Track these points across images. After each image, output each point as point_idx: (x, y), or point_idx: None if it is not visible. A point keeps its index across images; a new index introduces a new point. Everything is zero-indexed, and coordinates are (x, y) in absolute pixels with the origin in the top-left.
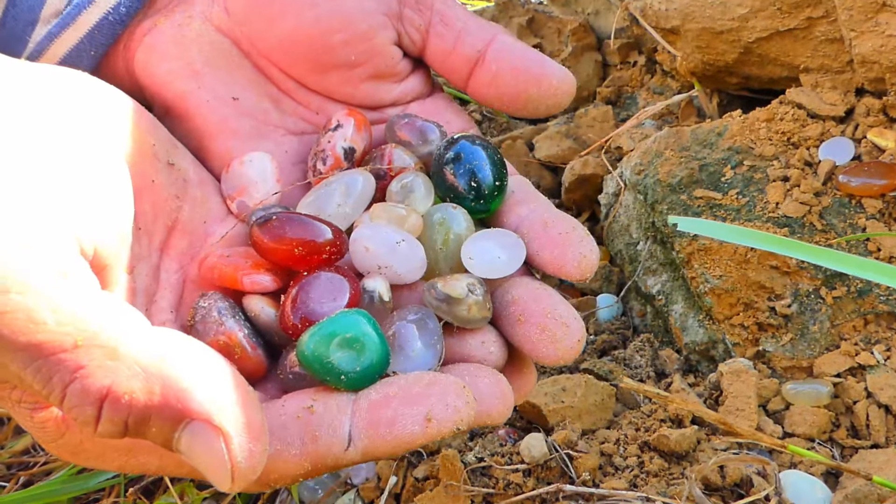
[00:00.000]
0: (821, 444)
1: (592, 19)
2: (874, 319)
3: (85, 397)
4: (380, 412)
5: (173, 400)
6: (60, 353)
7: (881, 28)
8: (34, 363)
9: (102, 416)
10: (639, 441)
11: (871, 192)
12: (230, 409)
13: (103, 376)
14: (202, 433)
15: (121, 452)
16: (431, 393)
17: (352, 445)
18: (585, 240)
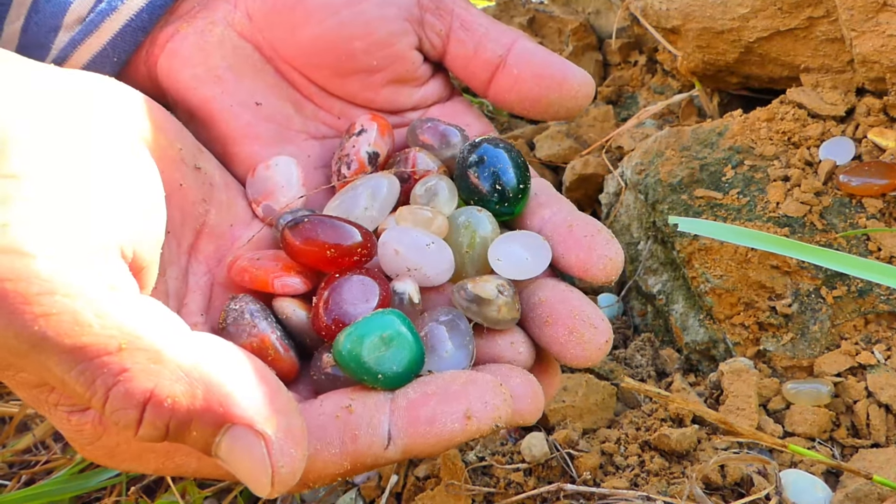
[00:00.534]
0: (821, 444)
1: (593, 19)
2: (875, 319)
3: (128, 400)
4: (419, 411)
5: (216, 404)
6: (104, 355)
7: (882, 28)
8: (78, 366)
9: (144, 419)
10: (639, 440)
11: (871, 191)
12: (272, 415)
13: (147, 380)
14: (243, 438)
15: (158, 455)
16: (470, 391)
17: (391, 444)
18: (610, 242)
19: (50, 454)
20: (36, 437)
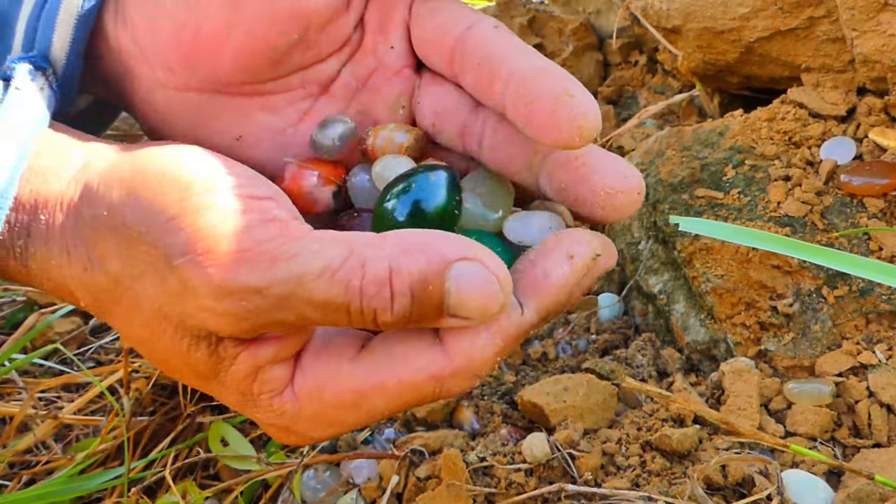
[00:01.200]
0: (823, 444)
1: (593, 19)
2: (876, 319)
3: (378, 284)
4: (533, 272)
5: (435, 255)
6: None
7: (883, 27)
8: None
9: (395, 294)
10: (641, 440)
11: (872, 191)
12: (472, 247)
13: (381, 264)
14: (467, 269)
15: (351, 409)
16: (563, 238)
17: (525, 308)
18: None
19: (51, 454)
20: (37, 438)
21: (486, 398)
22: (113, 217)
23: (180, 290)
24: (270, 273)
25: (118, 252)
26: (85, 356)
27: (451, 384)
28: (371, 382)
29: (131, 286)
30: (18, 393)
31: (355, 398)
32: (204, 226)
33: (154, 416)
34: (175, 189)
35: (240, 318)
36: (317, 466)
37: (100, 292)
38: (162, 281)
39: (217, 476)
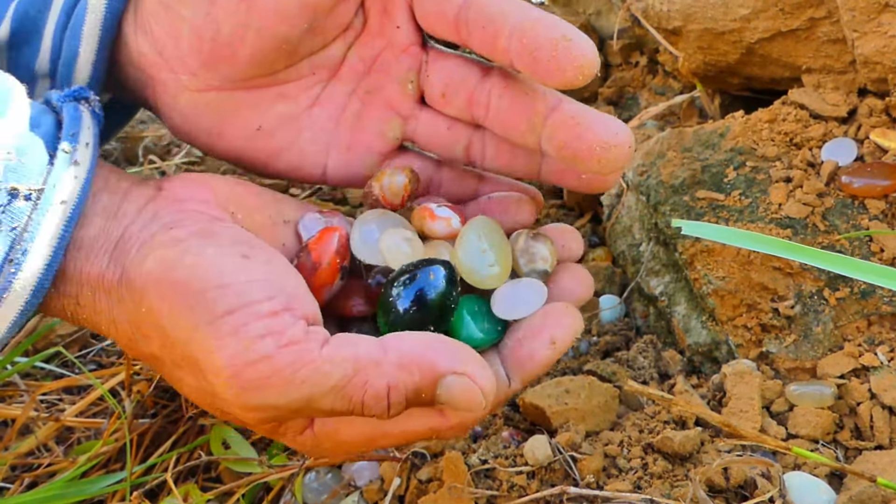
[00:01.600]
0: (825, 446)
1: (594, 19)
2: (878, 321)
3: (378, 398)
4: (519, 353)
5: (427, 371)
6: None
7: (884, 29)
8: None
9: (391, 403)
10: (642, 443)
11: (874, 192)
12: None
13: (380, 382)
14: (454, 382)
15: (360, 445)
16: (548, 322)
17: (512, 382)
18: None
19: (52, 457)
20: (38, 440)
21: None
22: (151, 316)
23: (213, 394)
24: (286, 395)
25: (159, 343)
26: (86, 359)
27: (446, 435)
28: (379, 431)
29: (171, 370)
30: (20, 395)
31: (365, 440)
32: (228, 353)
33: (155, 418)
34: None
35: (262, 420)
36: (318, 469)
37: (145, 359)
38: (197, 381)
39: (219, 479)
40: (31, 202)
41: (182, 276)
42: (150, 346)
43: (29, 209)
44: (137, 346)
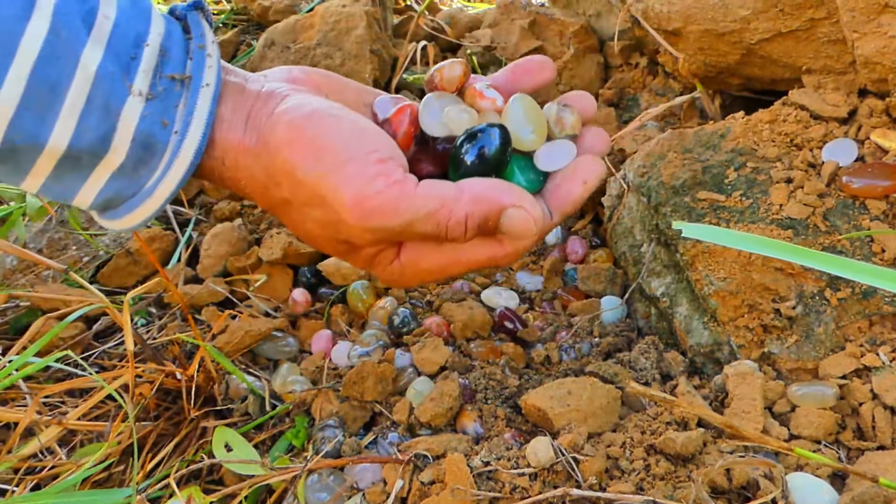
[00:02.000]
0: (827, 446)
1: (594, 21)
2: (879, 321)
3: (459, 224)
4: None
5: (494, 204)
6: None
7: (884, 29)
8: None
9: (468, 228)
10: (645, 444)
11: (874, 193)
12: (519, 196)
13: (460, 212)
14: (514, 213)
15: (436, 273)
16: (579, 167)
17: (553, 216)
18: None
19: (55, 460)
20: (41, 443)
21: (489, 402)
22: (284, 166)
23: (336, 221)
24: (394, 220)
25: (290, 187)
26: (88, 361)
27: (501, 262)
28: (452, 259)
29: (300, 208)
30: (23, 398)
31: (440, 268)
32: (351, 190)
33: (158, 421)
34: (326, 155)
35: (373, 241)
36: (321, 471)
37: (275, 205)
38: (323, 213)
39: (221, 481)
40: (184, 87)
41: (309, 135)
42: (281, 191)
43: (183, 92)
44: (269, 194)
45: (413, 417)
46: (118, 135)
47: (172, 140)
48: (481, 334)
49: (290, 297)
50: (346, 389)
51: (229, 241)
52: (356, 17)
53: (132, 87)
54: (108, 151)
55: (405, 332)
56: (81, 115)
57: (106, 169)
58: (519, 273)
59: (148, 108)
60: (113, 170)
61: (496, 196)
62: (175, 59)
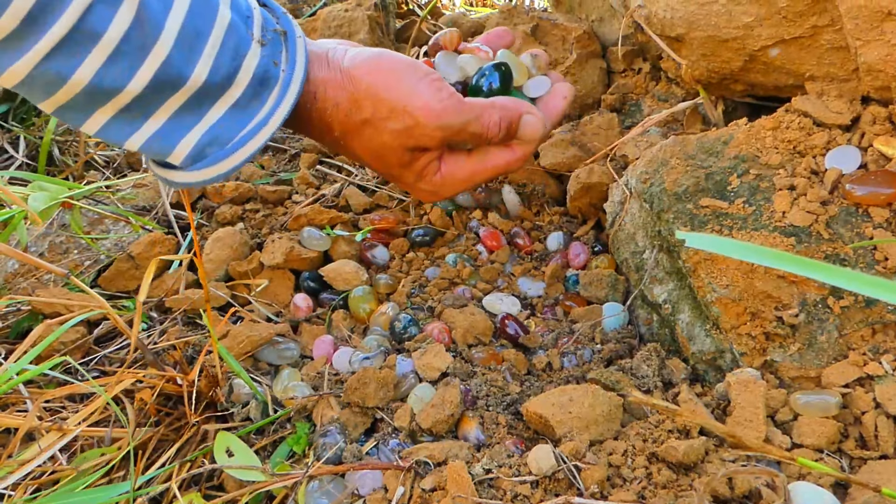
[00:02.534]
0: (829, 455)
1: (597, 26)
2: (882, 329)
3: (495, 125)
4: (547, 106)
5: (516, 111)
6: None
7: (887, 37)
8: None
9: (501, 129)
10: (646, 452)
11: (877, 201)
12: (531, 107)
13: (495, 117)
14: (529, 118)
15: (468, 181)
16: (558, 88)
17: (545, 125)
18: None
19: (56, 465)
20: (42, 449)
21: (491, 409)
22: (369, 90)
23: (412, 125)
24: (456, 119)
25: (372, 106)
26: (89, 366)
27: (513, 167)
28: (477, 167)
29: (377, 124)
30: (23, 403)
31: (470, 174)
32: (426, 96)
33: (159, 426)
34: (403, 77)
35: (441, 138)
36: (322, 477)
37: (350, 127)
38: (401, 122)
39: (222, 487)
40: (285, 38)
41: (385, 67)
42: (363, 113)
43: (284, 42)
44: (350, 119)
45: (414, 424)
46: (242, 72)
47: (282, 76)
48: (483, 340)
49: (292, 302)
50: (347, 395)
51: (231, 245)
52: (359, 22)
53: (253, 35)
54: (231, 86)
55: (406, 337)
56: (217, 56)
57: (225, 102)
58: (520, 279)
59: (263, 52)
60: (231, 103)
61: (516, 106)
62: (270, 21)
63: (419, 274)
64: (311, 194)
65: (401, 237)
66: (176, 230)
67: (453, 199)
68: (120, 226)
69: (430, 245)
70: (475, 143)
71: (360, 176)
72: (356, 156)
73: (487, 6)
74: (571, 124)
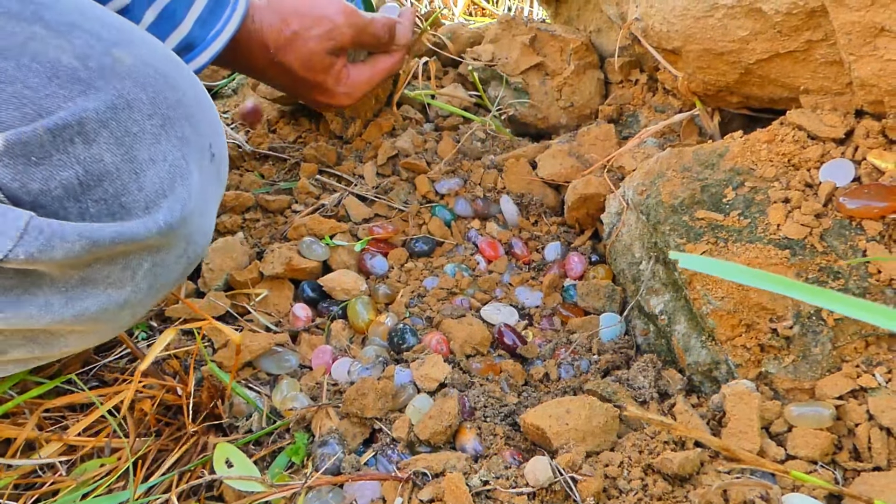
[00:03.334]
0: (823, 467)
1: (595, 37)
2: (875, 341)
3: (383, 30)
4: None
5: (391, 21)
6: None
7: (880, 52)
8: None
9: (387, 33)
10: (642, 464)
11: (871, 214)
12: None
13: (381, 24)
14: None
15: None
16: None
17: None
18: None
19: (56, 475)
20: (42, 459)
21: (488, 419)
22: (293, 9)
23: (332, 28)
24: (361, 20)
25: (299, 21)
26: (89, 374)
27: (396, 68)
28: (374, 70)
29: (304, 34)
30: (23, 413)
31: (370, 77)
32: (337, 5)
33: (159, 436)
34: None
35: (352, 36)
36: (320, 488)
37: (283, 42)
38: (323, 26)
39: (221, 497)
40: None
41: None
42: (291, 26)
43: None
44: (281, 35)
45: (413, 434)
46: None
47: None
48: (481, 351)
49: (291, 311)
50: (346, 406)
51: (231, 254)
52: None
53: None
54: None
55: (405, 348)
56: None
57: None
58: (518, 289)
59: None
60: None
61: (391, 18)
62: None
63: (418, 284)
64: (310, 204)
65: (400, 247)
66: None
67: None
68: None
69: (429, 255)
70: (372, 45)
71: (359, 186)
72: (288, 69)
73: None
74: (569, 135)
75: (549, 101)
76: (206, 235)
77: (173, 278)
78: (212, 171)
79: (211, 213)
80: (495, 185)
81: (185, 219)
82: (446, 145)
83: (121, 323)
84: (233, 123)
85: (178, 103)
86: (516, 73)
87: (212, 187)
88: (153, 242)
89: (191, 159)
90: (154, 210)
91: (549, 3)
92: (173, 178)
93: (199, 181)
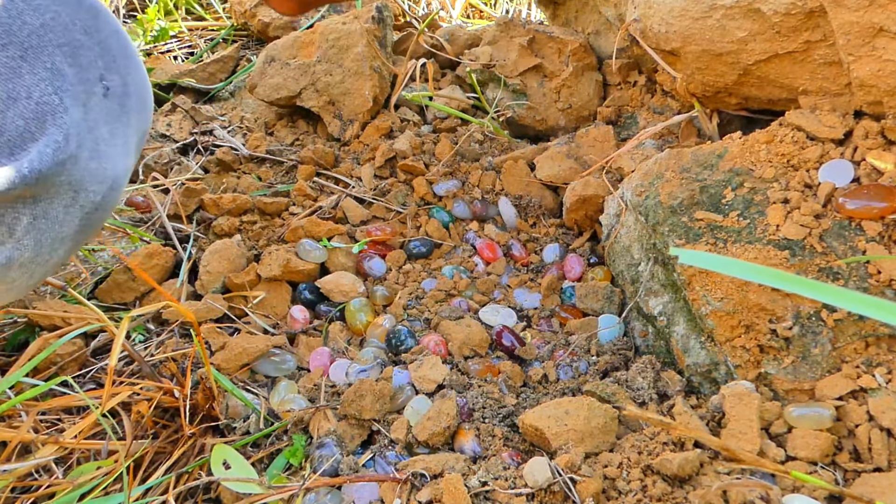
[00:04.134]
0: (823, 468)
1: (593, 39)
2: (875, 342)
3: None
4: None
5: None
6: None
7: (878, 53)
8: None
9: None
10: (642, 465)
11: (870, 214)
12: None
13: None
14: None
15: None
16: None
17: None
18: None
19: (52, 478)
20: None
21: (487, 421)
22: None
23: None
24: None
25: None
26: (86, 377)
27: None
28: None
29: None
30: (18, 415)
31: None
32: None
33: (156, 439)
34: None
35: None
36: (318, 490)
37: None
38: None
39: (218, 499)
40: None
41: None
42: None
43: None
44: None
45: (411, 436)
46: None
47: None
48: (479, 352)
49: (289, 313)
50: (344, 407)
51: (228, 257)
52: (356, 35)
53: None
54: None
55: (403, 350)
56: None
57: None
58: (517, 291)
59: None
60: None
61: None
62: None
63: (416, 286)
64: (308, 206)
65: (398, 249)
66: (175, 241)
67: None
68: (117, 237)
69: (427, 257)
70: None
71: (357, 188)
72: None
73: (484, 19)
74: (568, 137)
75: (547, 102)
76: (106, 181)
77: (68, 231)
78: (107, 107)
79: (112, 155)
80: (493, 187)
81: (62, 163)
82: (444, 147)
83: (16, 284)
84: (229, 126)
85: (44, 28)
86: (514, 74)
87: (110, 126)
88: (23, 192)
89: (66, 95)
90: (19, 155)
91: (547, 5)
92: (41, 116)
93: (81, 120)
